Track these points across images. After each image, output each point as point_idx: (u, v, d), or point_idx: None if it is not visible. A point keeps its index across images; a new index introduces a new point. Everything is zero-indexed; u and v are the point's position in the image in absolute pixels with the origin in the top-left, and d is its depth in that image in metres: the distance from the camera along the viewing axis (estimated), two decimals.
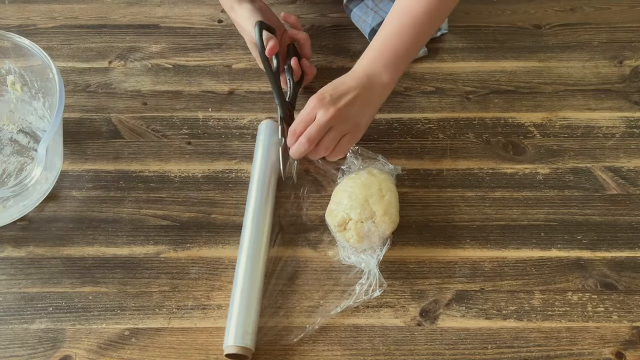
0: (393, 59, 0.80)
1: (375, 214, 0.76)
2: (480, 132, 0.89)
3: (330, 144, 0.79)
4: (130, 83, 0.94)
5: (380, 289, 0.73)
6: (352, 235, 0.75)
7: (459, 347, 0.72)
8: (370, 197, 0.76)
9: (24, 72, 0.86)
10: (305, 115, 0.78)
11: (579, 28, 1.01)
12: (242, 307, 0.71)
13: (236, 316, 0.71)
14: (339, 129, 0.78)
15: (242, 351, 0.69)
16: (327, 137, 0.78)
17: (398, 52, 0.81)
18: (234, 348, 0.69)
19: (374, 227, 0.75)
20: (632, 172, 0.85)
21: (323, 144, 0.78)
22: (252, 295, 0.72)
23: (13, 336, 0.73)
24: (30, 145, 0.87)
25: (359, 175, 0.79)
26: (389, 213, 0.76)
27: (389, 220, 0.76)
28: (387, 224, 0.76)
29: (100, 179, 0.85)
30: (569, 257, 0.78)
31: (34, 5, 1.04)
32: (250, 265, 0.74)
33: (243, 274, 0.73)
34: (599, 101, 0.92)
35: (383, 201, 0.76)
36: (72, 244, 0.79)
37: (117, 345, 0.72)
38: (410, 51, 0.82)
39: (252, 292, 0.72)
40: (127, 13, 1.03)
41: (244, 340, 0.69)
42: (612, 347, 0.72)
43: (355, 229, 0.75)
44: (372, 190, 0.77)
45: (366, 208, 0.76)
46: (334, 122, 0.77)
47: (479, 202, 0.83)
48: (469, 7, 1.04)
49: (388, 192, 0.77)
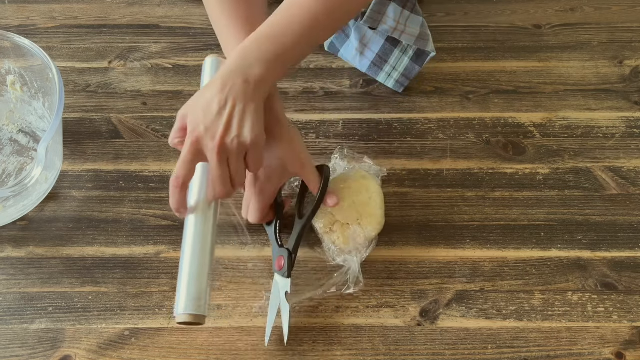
0: (272, 53, 0.69)
1: (361, 215, 0.75)
2: (480, 132, 0.89)
3: (240, 171, 0.68)
4: (130, 83, 0.94)
5: (356, 287, 0.73)
6: (338, 237, 0.75)
7: (459, 347, 0.72)
8: (356, 199, 0.76)
9: (24, 72, 0.86)
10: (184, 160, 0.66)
11: (579, 28, 1.01)
12: (193, 273, 0.67)
13: (186, 283, 0.67)
14: (235, 154, 0.67)
15: (195, 319, 0.66)
16: (232, 168, 0.68)
17: (281, 45, 0.69)
18: (186, 317, 0.66)
19: (360, 229, 0.75)
20: (632, 172, 0.85)
21: (234, 177, 0.69)
22: (203, 260, 0.68)
23: (13, 336, 0.73)
24: (30, 145, 0.87)
25: (345, 176, 0.79)
26: (375, 215, 0.76)
27: (375, 222, 0.76)
28: (373, 225, 0.76)
29: (100, 179, 0.85)
30: (569, 257, 0.78)
31: (34, 5, 1.04)
32: (200, 230, 0.70)
33: (192, 237, 0.69)
34: (599, 101, 0.92)
35: (369, 203, 0.76)
36: (72, 244, 0.79)
37: (117, 345, 0.72)
38: (297, 47, 0.71)
39: (203, 257, 0.69)
40: (127, 13, 1.03)
41: (197, 309, 0.66)
42: (612, 347, 0.72)
43: (341, 231, 0.75)
44: (358, 191, 0.76)
45: (352, 210, 0.76)
46: (226, 154, 0.66)
47: (479, 202, 0.83)
48: (469, 7, 1.04)
49: (374, 194, 0.77)
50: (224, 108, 0.66)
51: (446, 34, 1.00)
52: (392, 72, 0.91)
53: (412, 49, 0.89)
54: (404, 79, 0.91)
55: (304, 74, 0.95)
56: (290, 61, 0.72)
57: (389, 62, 0.91)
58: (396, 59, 0.90)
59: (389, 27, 0.86)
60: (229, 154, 0.67)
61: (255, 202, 0.76)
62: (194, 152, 0.66)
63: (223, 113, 0.66)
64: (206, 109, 0.66)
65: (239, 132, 0.66)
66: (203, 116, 0.66)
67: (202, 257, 0.68)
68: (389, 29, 0.86)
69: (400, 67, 0.90)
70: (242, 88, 0.67)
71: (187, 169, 0.67)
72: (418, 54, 0.89)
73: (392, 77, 0.91)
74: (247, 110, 0.67)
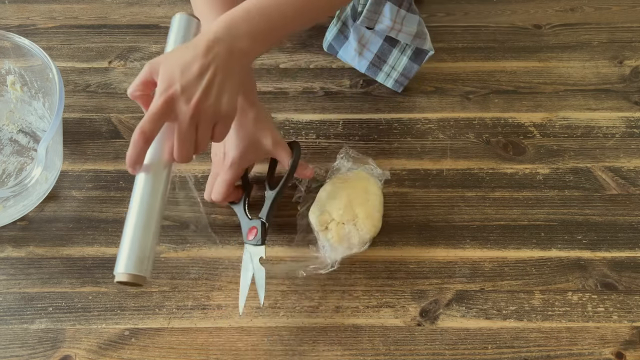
0: (261, 29, 0.68)
1: (357, 216, 0.75)
2: (480, 132, 0.89)
3: (205, 139, 0.67)
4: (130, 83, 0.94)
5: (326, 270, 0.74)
6: (333, 236, 0.75)
7: (459, 347, 0.72)
8: (354, 200, 0.76)
9: (24, 72, 0.86)
10: (154, 114, 0.64)
11: (579, 28, 1.01)
12: (137, 233, 0.65)
13: (130, 241, 0.65)
14: (206, 122, 0.66)
15: (134, 279, 0.64)
16: (199, 134, 0.66)
17: (271, 23, 0.68)
18: (125, 276, 0.64)
19: (355, 230, 0.75)
20: (632, 172, 0.85)
21: (199, 144, 0.67)
22: (149, 221, 0.66)
23: (13, 336, 0.73)
24: (30, 145, 0.87)
25: (346, 176, 0.79)
26: (372, 217, 0.76)
27: (371, 224, 0.76)
28: (369, 227, 0.76)
29: (100, 179, 0.85)
30: (569, 257, 0.78)
31: (34, 5, 1.04)
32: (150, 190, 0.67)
33: (141, 196, 0.67)
34: (599, 101, 0.92)
35: (367, 204, 0.76)
36: (72, 244, 0.79)
37: (117, 345, 0.72)
38: (287, 27, 0.71)
39: (150, 217, 0.66)
40: (127, 13, 1.03)
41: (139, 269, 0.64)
42: (612, 347, 0.72)
43: (336, 229, 0.75)
44: (357, 192, 0.76)
45: (349, 210, 0.76)
46: (197, 120, 0.65)
47: (479, 202, 0.83)
48: (469, 7, 1.04)
49: (373, 196, 0.77)
50: (204, 73, 0.64)
51: (446, 34, 1.00)
52: (391, 72, 0.91)
53: (411, 49, 0.89)
54: (403, 79, 0.91)
55: (304, 74, 0.95)
56: (276, 39, 0.71)
57: (388, 62, 0.91)
58: (395, 58, 0.90)
59: (385, 27, 0.86)
60: (200, 120, 0.65)
61: (223, 178, 0.77)
62: (166, 109, 0.64)
63: (203, 78, 0.64)
64: (185, 69, 0.64)
65: (215, 100, 0.65)
66: (180, 75, 0.64)
67: (149, 217, 0.66)
68: (386, 28, 0.86)
69: (399, 67, 0.90)
70: (225, 58, 0.65)
71: (155, 125, 0.64)
72: (417, 53, 0.89)
73: (391, 77, 0.91)
74: (227, 81, 0.66)
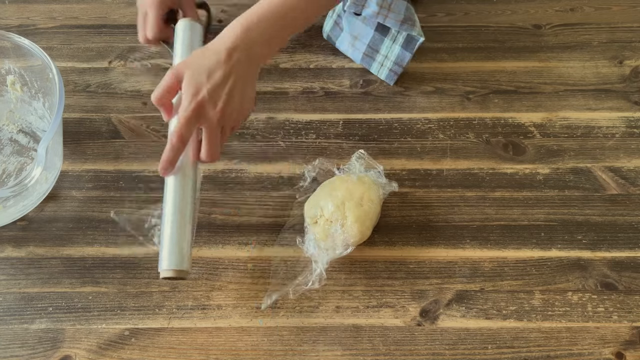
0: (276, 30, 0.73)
1: (346, 218, 0.75)
2: (480, 132, 0.89)
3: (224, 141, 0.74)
4: (130, 83, 0.94)
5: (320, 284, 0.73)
6: (319, 231, 0.75)
7: (459, 347, 0.72)
8: (348, 202, 0.76)
9: (24, 72, 0.86)
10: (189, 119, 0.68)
11: (579, 28, 1.01)
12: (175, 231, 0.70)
13: (169, 240, 0.70)
14: (230, 125, 0.74)
15: (178, 274, 0.70)
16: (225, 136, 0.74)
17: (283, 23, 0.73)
18: (170, 272, 0.69)
19: (340, 231, 0.75)
20: (632, 172, 0.85)
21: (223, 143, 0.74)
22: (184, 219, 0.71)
23: (13, 336, 0.73)
24: (30, 145, 0.87)
25: (350, 177, 0.78)
26: (360, 222, 0.75)
27: (357, 230, 0.74)
28: (354, 232, 0.74)
29: (100, 179, 0.85)
30: (569, 257, 0.78)
31: (34, 5, 1.03)
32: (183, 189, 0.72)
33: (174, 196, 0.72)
34: (599, 101, 0.92)
35: (359, 209, 0.75)
36: (72, 244, 0.79)
37: (117, 345, 0.72)
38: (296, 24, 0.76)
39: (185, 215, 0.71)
40: (127, 13, 1.03)
41: (181, 264, 0.70)
42: (612, 347, 0.72)
43: (323, 226, 0.75)
44: (354, 196, 0.76)
45: (340, 210, 0.75)
46: (222, 123, 0.71)
47: (479, 202, 0.83)
48: (469, 7, 1.04)
49: (369, 203, 0.76)
50: (228, 79, 0.70)
51: (446, 34, 1.00)
52: (384, 61, 0.92)
53: (402, 36, 0.89)
54: (397, 67, 0.91)
55: (304, 74, 0.95)
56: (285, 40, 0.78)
57: (381, 52, 0.91)
58: (387, 47, 0.91)
59: (372, 12, 0.86)
60: (225, 123, 0.71)
61: (152, 14, 0.84)
62: (198, 114, 0.69)
63: (226, 84, 0.69)
64: (210, 75, 0.69)
65: (238, 105, 0.71)
66: (207, 81, 0.69)
67: (184, 215, 0.71)
68: (372, 13, 0.86)
69: (392, 56, 0.91)
70: (245, 64, 0.71)
71: (190, 129, 0.69)
72: (408, 41, 0.89)
73: (385, 67, 0.92)
74: (248, 86, 0.72)
